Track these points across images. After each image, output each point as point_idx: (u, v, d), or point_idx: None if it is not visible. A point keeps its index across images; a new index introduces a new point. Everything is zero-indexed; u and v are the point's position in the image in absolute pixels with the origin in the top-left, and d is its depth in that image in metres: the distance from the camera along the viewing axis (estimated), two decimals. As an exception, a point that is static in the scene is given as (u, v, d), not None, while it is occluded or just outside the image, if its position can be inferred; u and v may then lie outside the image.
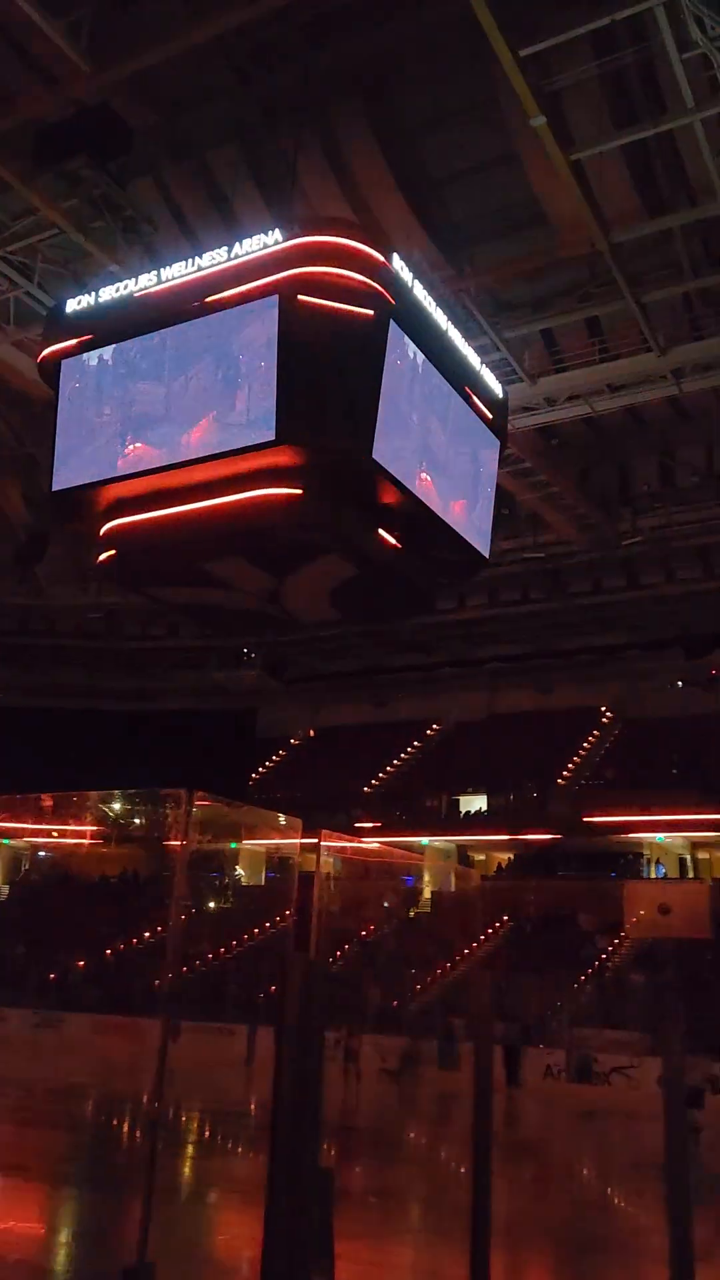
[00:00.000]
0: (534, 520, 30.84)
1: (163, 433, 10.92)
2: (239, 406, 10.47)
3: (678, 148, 18.13)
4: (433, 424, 11.69)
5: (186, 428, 10.76)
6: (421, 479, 11.28)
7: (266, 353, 10.24)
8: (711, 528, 30.77)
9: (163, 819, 35.09)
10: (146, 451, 11.01)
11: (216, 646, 41.13)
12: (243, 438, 10.33)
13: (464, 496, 12.48)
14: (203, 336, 10.85)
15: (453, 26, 17.05)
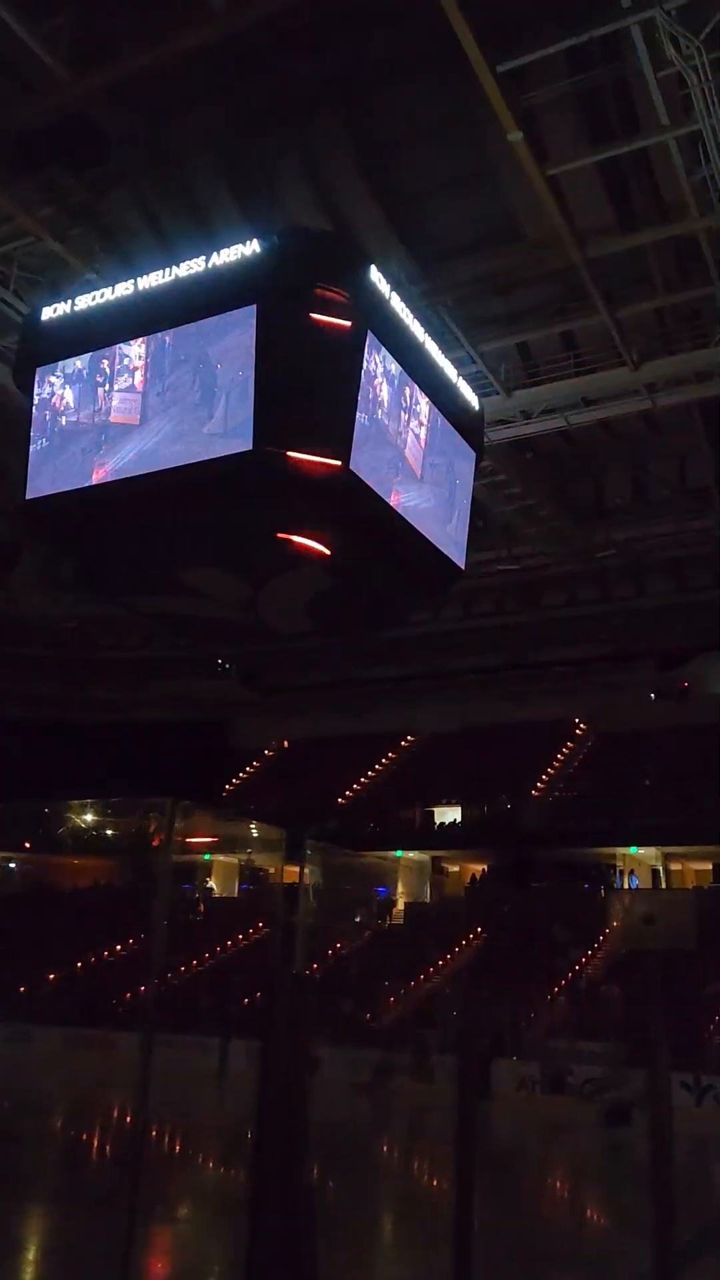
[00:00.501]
0: (509, 532, 30.95)
1: (138, 442, 10.87)
2: (215, 416, 10.44)
3: (652, 165, 18.33)
4: (409, 436, 11.71)
5: (162, 437, 10.72)
6: (398, 491, 11.29)
7: (244, 363, 10.22)
8: (683, 541, 31.03)
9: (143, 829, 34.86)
10: (121, 461, 10.96)
11: (190, 657, 40.95)
12: (219, 448, 10.30)
13: (440, 508, 12.51)
14: (179, 346, 10.82)
15: (430, 41, 17.16)
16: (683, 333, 20.95)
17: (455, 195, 20.30)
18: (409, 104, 18.30)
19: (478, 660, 42.79)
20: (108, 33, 17.51)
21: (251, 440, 10.04)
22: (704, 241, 17.69)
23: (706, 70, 13.49)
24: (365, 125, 19.10)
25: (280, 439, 10.19)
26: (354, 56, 17.85)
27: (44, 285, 19.38)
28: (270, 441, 10.09)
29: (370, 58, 17.82)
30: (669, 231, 18.48)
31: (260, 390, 10.08)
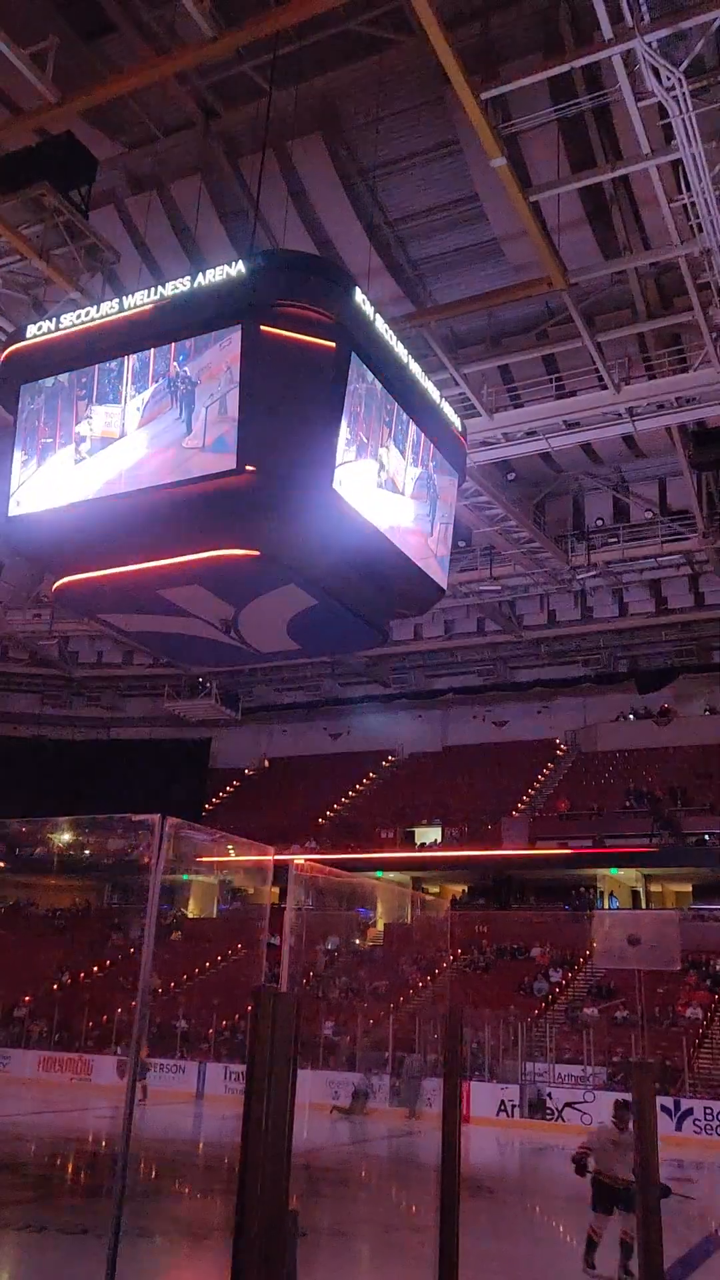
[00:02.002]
0: (490, 553, 31.11)
1: (121, 459, 10.87)
2: (199, 434, 10.45)
3: (633, 192, 18.61)
4: (392, 456, 11.76)
5: (145, 454, 10.72)
6: (380, 510, 11.33)
7: (228, 382, 10.25)
8: (663, 563, 31.26)
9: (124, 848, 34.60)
10: (103, 478, 10.95)
11: (172, 676, 40.80)
12: (203, 466, 10.31)
13: (422, 528, 12.55)
14: (162, 364, 10.84)
15: (414, 68, 17.42)
16: (663, 356, 21.19)
17: (438, 219, 20.59)
18: (392, 129, 18.53)
19: (459, 680, 42.93)
20: (93, 56, 17.69)
21: (235, 458, 10.06)
22: (684, 267, 17.91)
23: (686, 100, 13.70)
24: (348, 150, 19.36)
25: (263, 458, 10.21)
26: (337, 83, 18.10)
27: (28, 303, 19.40)
28: (253, 460, 10.11)
29: (353, 84, 18.07)
30: (650, 257, 18.74)
31: (244, 410, 10.11)
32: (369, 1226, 12.89)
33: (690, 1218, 14.64)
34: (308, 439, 10.35)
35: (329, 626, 12.88)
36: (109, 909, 42.29)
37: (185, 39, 15.73)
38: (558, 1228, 14.30)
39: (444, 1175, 3.06)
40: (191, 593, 11.83)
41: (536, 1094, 24.72)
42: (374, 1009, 30.33)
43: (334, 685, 45.08)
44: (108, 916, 41.39)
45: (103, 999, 32.31)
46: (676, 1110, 23.01)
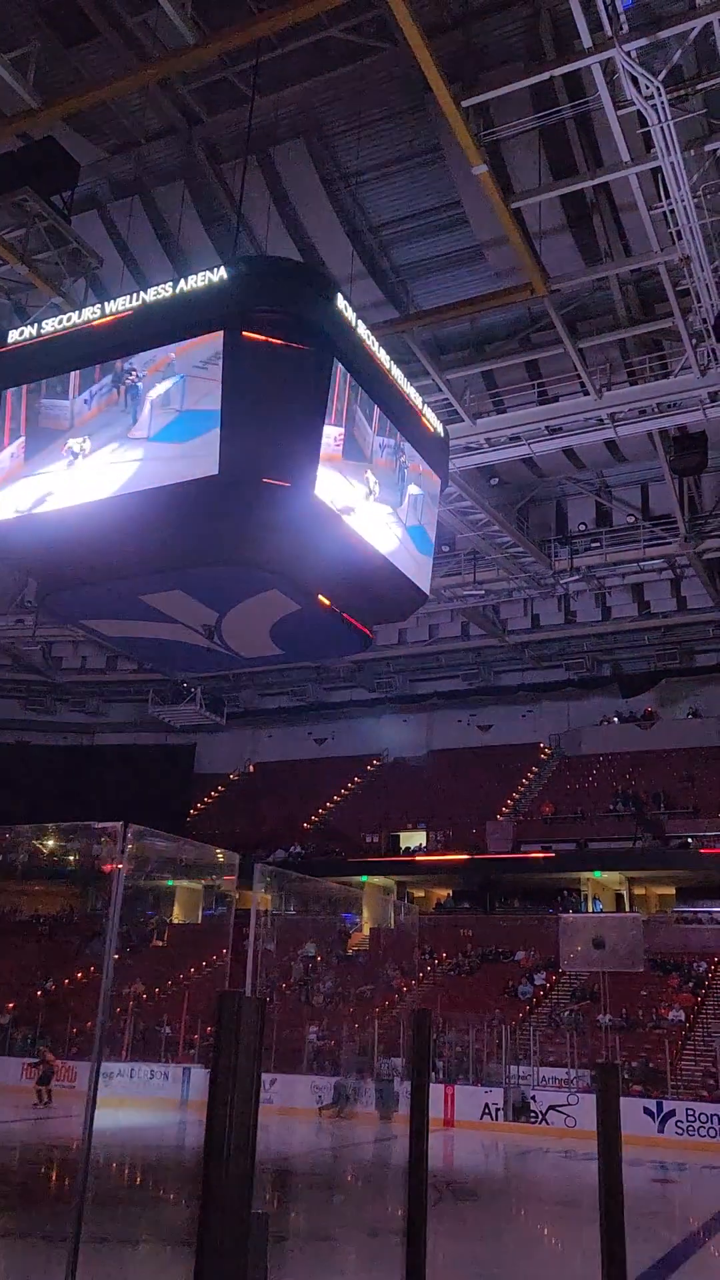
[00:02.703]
0: (474, 557, 31.20)
1: (100, 465, 10.87)
2: (180, 441, 10.46)
3: (614, 199, 18.72)
4: (375, 462, 11.80)
5: (124, 460, 10.72)
6: (363, 516, 11.36)
7: (211, 389, 10.27)
8: (646, 567, 31.42)
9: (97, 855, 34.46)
10: (83, 484, 10.94)
11: (156, 681, 40.72)
12: (186, 472, 10.32)
13: (405, 533, 12.59)
14: (145, 371, 10.85)
15: (396, 75, 17.50)
16: (644, 362, 21.32)
17: (421, 226, 20.64)
18: (374, 136, 18.62)
19: (443, 685, 43.01)
20: (75, 62, 17.70)
21: (217, 465, 10.07)
22: (664, 274, 18.04)
23: (665, 109, 13.81)
24: (331, 156, 19.42)
25: (246, 464, 10.23)
26: (319, 90, 18.16)
27: (10, 308, 19.38)
28: (236, 467, 10.13)
29: (336, 91, 18.12)
30: (631, 264, 18.86)
31: (227, 416, 10.13)
32: (347, 1230, 12.89)
33: (671, 1219, 14.72)
34: (290, 445, 10.38)
35: (312, 632, 12.90)
36: (92, 915, 42.13)
37: (167, 45, 15.77)
38: (538, 1231, 14.34)
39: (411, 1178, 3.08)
40: (174, 598, 11.84)
41: (520, 1097, 24.77)
42: (359, 1013, 30.32)
43: (319, 690, 45.10)
44: (91, 923, 41.24)
45: (86, 1006, 32.18)
46: (659, 1112, 23.11)
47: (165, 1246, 11.24)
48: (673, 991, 28.94)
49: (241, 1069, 2.38)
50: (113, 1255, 10.20)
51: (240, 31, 14.38)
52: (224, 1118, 2.39)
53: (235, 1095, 2.38)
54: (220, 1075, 2.46)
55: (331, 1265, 10.84)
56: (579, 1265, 10.08)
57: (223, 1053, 2.45)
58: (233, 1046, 2.41)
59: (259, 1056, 2.40)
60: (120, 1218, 12.45)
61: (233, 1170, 2.36)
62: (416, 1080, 3.26)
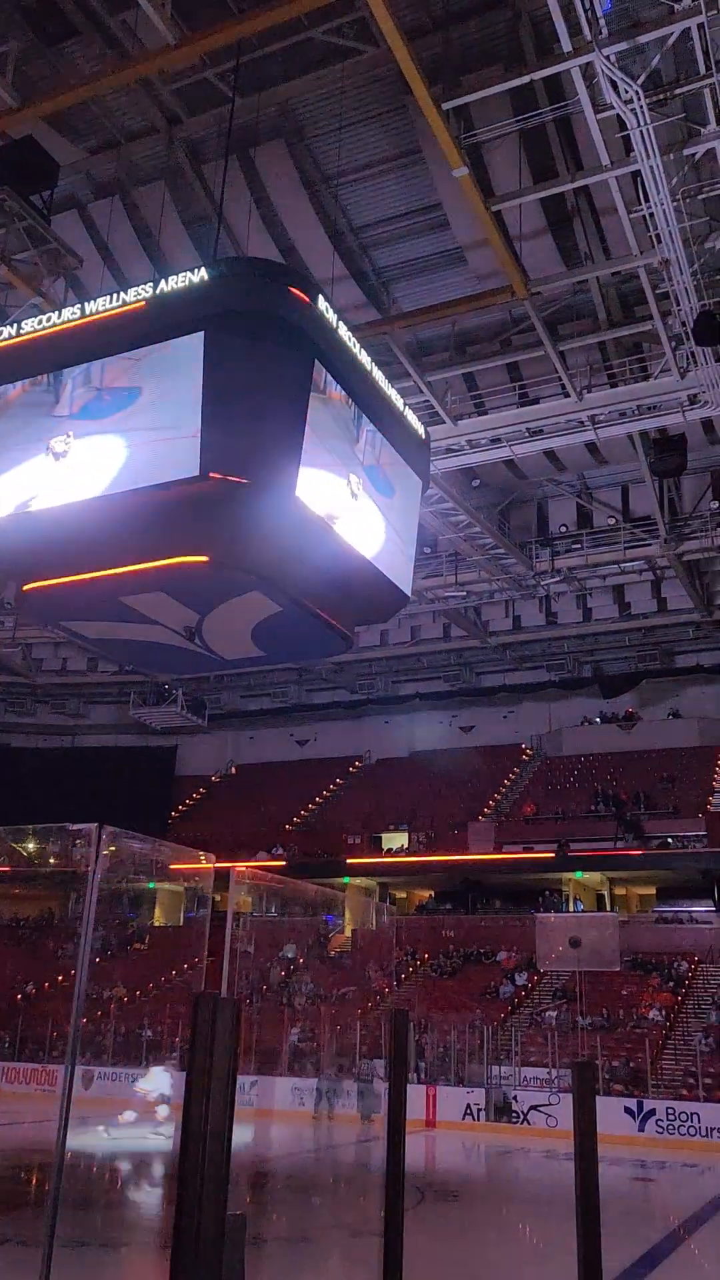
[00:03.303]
0: (455, 559, 31.26)
1: (81, 467, 10.82)
2: (161, 442, 10.43)
3: (594, 203, 18.81)
4: (356, 463, 11.80)
5: (107, 462, 10.68)
6: (344, 517, 11.36)
7: (191, 390, 10.24)
8: (626, 569, 31.56)
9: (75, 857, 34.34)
10: (60, 486, 10.90)
11: (137, 683, 40.59)
12: (165, 473, 10.29)
13: (386, 535, 12.60)
14: (125, 371, 10.81)
15: (376, 77, 17.52)
16: (624, 365, 21.43)
17: (402, 228, 20.68)
18: (355, 138, 18.64)
19: (425, 686, 43.06)
20: (55, 62, 17.64)
21: (198, 465, 10.04)
22: (644, 277, 18.13)
23: (644, 113, 13.89)
24: (312, 158, 19.43)
25: (227, 465, 10.21)
26: (299, 91, 18.16)
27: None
28: (216, 467, 10.10)
29: (316, 92, 18.13)
30: (611, 267, 18.95)
31: (207, 417, 10.10)
32: (326, 1232, 12.88)
33: (651, 1217, 14.79)
34: (271, 446, 10.37)
35: (294, 633, 12.87)
36: (73, 919, 41.93)
37: (148, 45, 15.73)
38: (518, 1230, 14.37)
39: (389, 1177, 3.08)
40: (155, 600, 11.79)
41: (502, 1098, 24.81)
42: (340, 1015, 30.30)
43: (301, 692, 45.06)
44: (71, 926, 41.04)
45: (67, 1009, 32.01)
46: (640, 1111, 23.20)
47: (144, 1249, 11.19)
48: (653, 991, 29.07)
49: (217, 1070, 2.37)
50: (90, 1259, 10.15)
51: (221, 32, 14.37)
52: (200, 1119, 2.39)
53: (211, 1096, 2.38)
54: (196, 1076, 2.45)
55: (311, 1266, 10.83)
56: (557, 1264, 10.10)
57: (198, 1054, 2.45)
58: (208, 1048, 2.41)
59: (235, 1057, 2.40)
60: (99, 1221, 12.41)
61: (208, 1172, 2.35)
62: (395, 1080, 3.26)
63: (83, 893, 35.86)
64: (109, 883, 29.65)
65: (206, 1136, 2.39)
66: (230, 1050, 2.38)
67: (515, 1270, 11.38)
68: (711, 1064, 24.84)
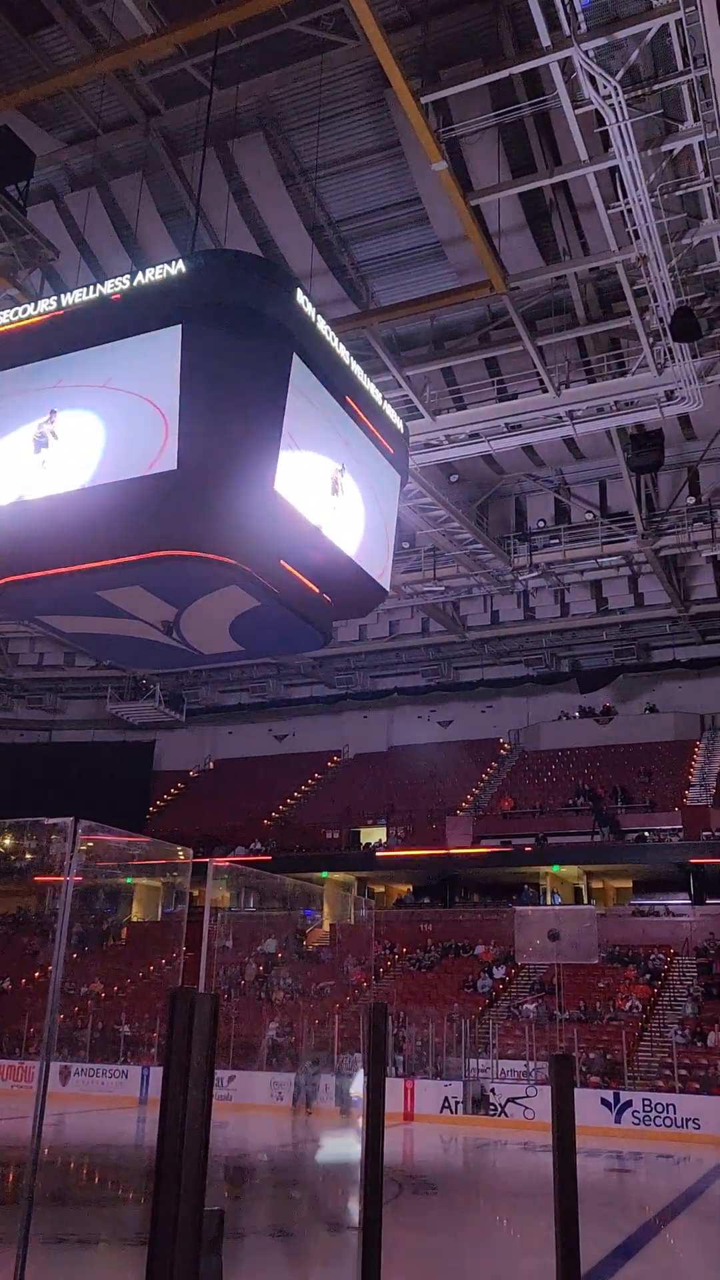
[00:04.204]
0: (434, 554, 31.29)
1: (58, 461, 10.75)
2: (139, 435, 10.37)
3: (573, 198, 18.85)
4: (334, 457, 11.78)
5: (84, 456, 10.62)
6: (322, 511, 11.34)
7: (169, 382, 10.19)
8: (604, 564, 31.70)
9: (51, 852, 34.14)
10: (36, 479, 10.82)
11: (115, 678, 40.41)
12: (142, 466, 10.24)
13: (365, 530, 12.59)
14: (102, 364, 10.75)
15: (355, 70, 17.48)
16: (602, 360, 21.50)
17: (381, 222, 20.66)
18: (334, 132, 18.59)
19: (404, 681, 43.13)
20: (31, 52, 17.48)
21: (176, 460, 9.99)
22: (622, 273, 18.19)
23: (623, 109, 13.92)
24: (290, 151, 19.36)
25: (205, 460, 10.17)
26: (278, 84, 18.09)
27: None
28: (195, 462, 10.06)
29: (294, 85, 18.07)
30: (589, 263, 18.99)
31: (185, 410, 10.06)
32: (306, 1226, 12.90)
33: (628, 1208, 14.89)
34: (249, 440, 10.33)
35: (272, 628, 12.85)
36: (49, 914, 41.71)
37: (125, 35, 15.62)
38: (495, 1222, 14.44)
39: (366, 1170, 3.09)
40: (132, 594, 11.73)
41: (480, 1090, 24.92)
42: (319, 1009, 30.33)
43: (279, 686, 45.01)
44: (47, 922, 40.84)
45: (43, 1005, 31.85)
46: (616, 1103, 23.36)
47: (122, 1245, 11.17)
48: (630, 983, 29.26)
49: (194, 1065, 2.36)
50: (67, 1255, 10.12)
51: (199, 23, 14.28)
52: (177, 1114, 2.38)
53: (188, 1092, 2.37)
54: (173, 1072, 2.44)
55: (290, 1260, 10.84)
56: (535, 1255, 10.16)
57: (175, 1049, 2.44)
58: (185, 1043, 2.40)
59: (212, 1053, 2.39)
60: (77, 1217, 12.37)
61: (185, 1167, 2.34)
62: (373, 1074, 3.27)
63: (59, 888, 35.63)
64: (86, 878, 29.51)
65: (184, 1132, 2.38)
66: (208, 1045, 2.38)
67: (493, 1261, 11.44)
68: (687, 1055, 25.03)
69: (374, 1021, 3.25)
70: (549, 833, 35.72)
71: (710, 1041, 25.44)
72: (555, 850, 35.45)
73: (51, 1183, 14.00)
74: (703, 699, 40.02)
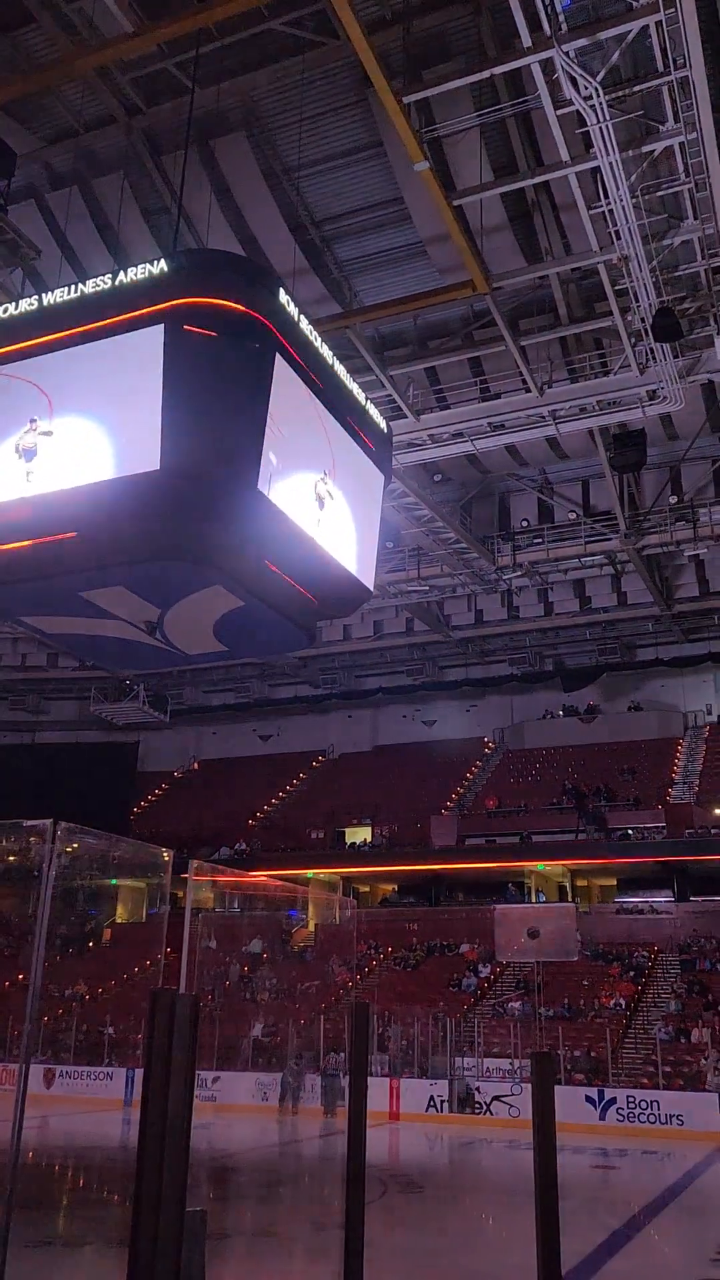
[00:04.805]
0: (418, 554, 31.32)
1: (41, 461, 10.69)
2: (121, 436, 10.34)
3: (555, 198, 18.90)
4: (317, 457, 11.77)
5: (65, 457, 10.57)
6: (306, 511, 11.33)
7: (151, 383, 10.16)
8: (587, 563, 31.81)
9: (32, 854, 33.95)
10: (23, 481, 10.76)
11: (98, 679, 40.25)
12: (125, 467, 10.20)
13: (348, 529, 12.59)
14: (84, 364, 10.70)
15: (337, 70, 17.47)
16: (584, 360, 21.57)
17: (364, 222, 20.65)
18: (316, 131, 18.57)
19: (388, 680, 43.16)
20: (10, 50, 17.39)
21: (158, 460, 9.96)
22: (603, 273, 18.25)
23: (604, 110, 13.97)
24: (272, 150, 19.33)
25: (188, 460, 10.14)
26: (259, 83, 18.06)
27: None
28: (178, 462, 10.03)
29: (276, 84, 18.04)
30: (571, 263, 19.04)
31: (167, 411, 10.02)
32: (290, 1226, 12.89)
33: (614, 1203, 14.95)
34: (232, 440, 10.30)
35: (256, 628, 12.83)
36: (31, 916, 41.50)
37: (106, 33, 15.56)
38: (480, 1220, 14.47)
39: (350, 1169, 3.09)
40: (115, 595, 11.68)
41: (465, 1089, 24.96)
42: (304, 1009, 30.31)
43: (263, 687, 44.97)
44: (29, 924, 40.62)
45: (25, 1007, 31.70)
46: (601, 1100, 23.45)
47: (106, 1248, 11.14)
48: (614, 981, 29.38)
49: (175, 1066, 2.36)
50: (52, 1259, 10.08)
51: (180, 21, 14.24)
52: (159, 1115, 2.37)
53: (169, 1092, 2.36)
54: (154, 1072, 2.44)
55: (273, 1260, 10.83)
56: (519, 1253, 10.18)
57: (156, 1050, 2.43)
58: (166, 1044, 2.39)
59: (193, 1053, 2.38)
60: (60, 1220, 12.32)
61: (166, 1168, 2.34)
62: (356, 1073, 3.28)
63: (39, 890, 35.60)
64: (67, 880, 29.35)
65: (165, 1132, 2.38)
66: (188, 1045, 2.37)
67: (476, 1259, 11.45)
68: (671, 1052, 25.15)
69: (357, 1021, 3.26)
70: (533, 831, 35.81)
71: (693, 1038, 25.57)
72: (539, 848, 35.55)
73: (35, 1185, 13.95)
74: (685, 697, 40.24)
